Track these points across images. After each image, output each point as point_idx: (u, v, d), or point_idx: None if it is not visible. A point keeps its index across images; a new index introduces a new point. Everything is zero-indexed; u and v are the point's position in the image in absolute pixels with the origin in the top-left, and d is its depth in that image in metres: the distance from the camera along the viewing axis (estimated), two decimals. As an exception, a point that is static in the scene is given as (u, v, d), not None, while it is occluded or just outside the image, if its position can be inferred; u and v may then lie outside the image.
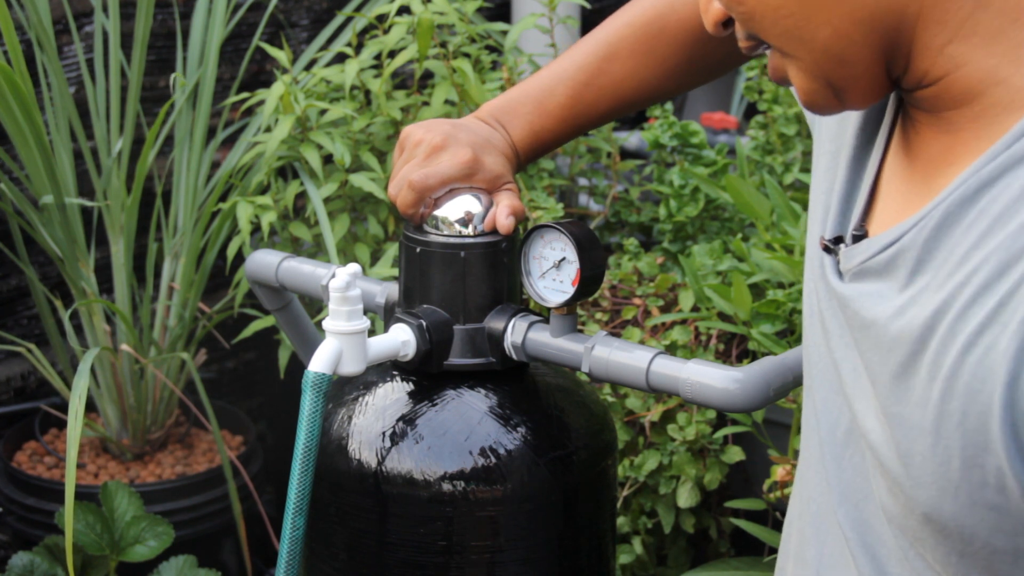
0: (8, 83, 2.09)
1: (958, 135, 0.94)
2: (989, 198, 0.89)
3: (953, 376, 0.88)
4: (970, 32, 0.92)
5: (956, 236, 0.90)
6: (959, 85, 0.93)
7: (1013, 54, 0.91)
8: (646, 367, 1.21)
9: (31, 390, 2.62)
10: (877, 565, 1.01)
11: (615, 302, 2.10)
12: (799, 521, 1.13)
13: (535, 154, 1.39)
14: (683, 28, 1.35)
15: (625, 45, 1.36)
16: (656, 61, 1.36)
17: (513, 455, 1.26)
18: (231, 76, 2.74)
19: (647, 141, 2.34)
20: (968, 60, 0.92)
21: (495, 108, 1.38)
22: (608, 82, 1.37)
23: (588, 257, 1.26)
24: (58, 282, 2.55)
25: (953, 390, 0.88)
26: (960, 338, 0.88)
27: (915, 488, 0.92)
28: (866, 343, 0.97)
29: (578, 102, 1.37)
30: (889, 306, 0.94)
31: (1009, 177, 0.88)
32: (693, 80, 1.41)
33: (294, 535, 1.21)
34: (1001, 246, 0.87)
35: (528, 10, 2.90)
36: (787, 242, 1.88)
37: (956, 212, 0.90)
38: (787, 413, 1.86)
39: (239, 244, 2.20)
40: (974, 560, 0.92)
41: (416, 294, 1.30)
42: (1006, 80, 0.91)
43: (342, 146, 2.16)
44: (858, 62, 0.95)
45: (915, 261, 0.93)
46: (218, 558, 2.41)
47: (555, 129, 1.38)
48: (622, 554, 2.01)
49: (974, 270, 0.88)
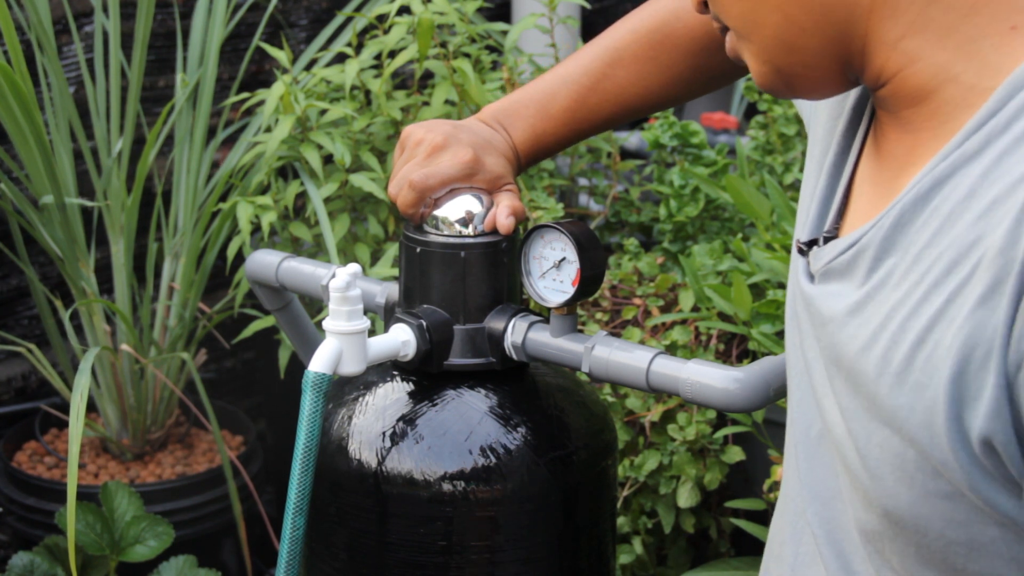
0: (8, 83, 2.09)
1: (918, 135, 0.95)
2: (941, 197, 0.90)
3: (903, 372, 0.89)
4: (922, 27, 0.92)
5: (911, 235, 0.92)
6: (913, 81, 0.94)
7: (964, 49, 0.92)
8: (646, 367, 1.21)
9: (32, 390, 2.62)
10: (843, 563, 1.02)
11: (615, 302, 2.10)
12: (780, 520, 1.14)
13: (536, 157, 1.39)
14: (689, 36, 1.35)
15: (630, 51, 1.37)
16: (660, 68, 1.36)
17: (513, 455, 1.26)
18: (230, 76, 2.74)
19: (647, 141, 2.34)
20: (921, 55, 0.93)
21: (497, 110, 1.38)
22: (612, 87, 1.37)
23: (588, 257, 1.26)
24: (58, 282, 2.55)
25: (903, 385, 0.90)
26: (910, 335, 0.89)
27: (873, 480, 0.94)
28: (824, 339, 0.99)
29: (581, 106, 1.37)
30: (845, 303, 0.96)
31: (959, 176, 0.89)
32: (697, 89, 1.41)
33: (294, 535, 1.21)
34: (951, 244, 0.88)
35: (528, 10, 2.90)
36: (787, 242, 1.88)
37: (911, 211, 0.92)
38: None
39: (239, 244, 2.20)
40: (930, 553, 0.93)
41: (416, 294, 1.30)
42: (957, 76, 0.92)
43: (342, 146, 2.16)
44: (807, 51, 0.96)
45: (872, 260, 0.95)
46: (218, 558, 2.41)
47: (557, 132, 1.38)
48: (622, 554, 2.01)
49: (927, 270, 0.89)
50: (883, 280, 0.93)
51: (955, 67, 0.92)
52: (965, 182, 0.88)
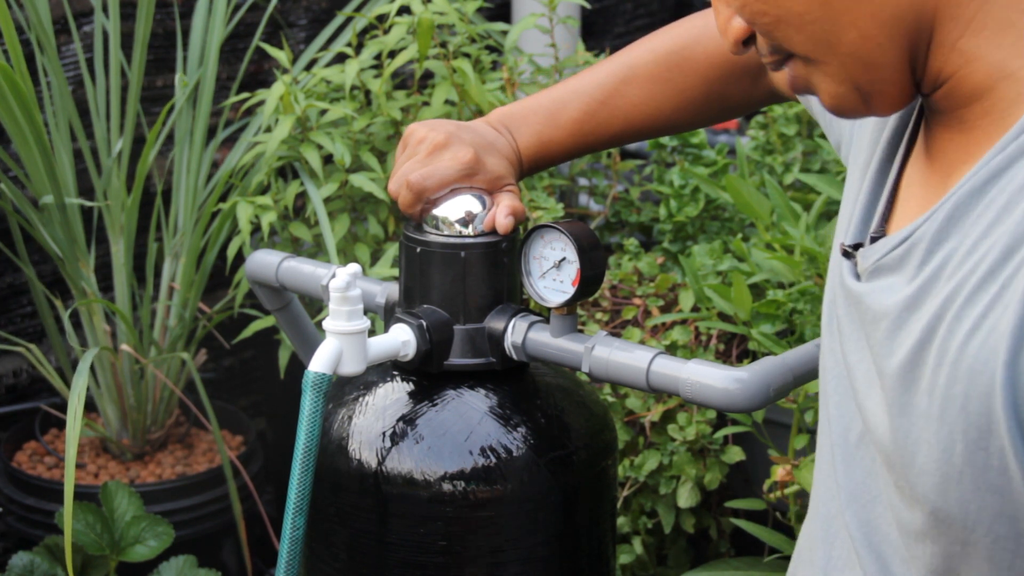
0: (8, 83, 2.09)
1: (971, 133, 0.95)
2: (997, 189, 0.90)
3: (958, 360, 0.89)
4: (980, 26, 0.93)
5: (965, 227, 0.92)
6: (970, 81, 0.94)
7: (1020, 46, 0.92)
8: (646, 367, 1.21)
9: (23, 387, 2.62)
10: (882, 565, 1.01)
11: (615, 302, 2.10)
12: (810, 525, 1.14)
13: (540, 164, 1.38)
14: (707, 62, 1.34)
15: (645, 70, 1.36)
16: (674, 91, 1.36)
17: (513, 455, 1.26)
18: (229, 76, 2.74)
19: (647, 141, 2.34)
20: (978, 55, 0.93)
21: (504, 114, 1.37)
22: (623, 104, 1.36)
23: (588, 257, 1.26)
24: (53, 280, 2.55)
25: (957, 374, 0.89)
26: (965, 324, 0.89)
27: (920, 477, 0.93)
28: (876, 335, 0.98)
29: (590, 119, 1.36)
30: (899, 296, 0.96)
31: (1016, 167, 0.89)
32: (709, 117, 1.40)
33: (294, 535, 1.21)
34: (1006, 232, 0.88)
35: (528, 10, 2.90)
36: (787, 242, 1.88)
37: (966, 203, 0.92)
38: (787, 413, 1.86)
39: (239, 244, 2.20)
40: (976, 551, 0.93)
41: (416, 294, 1.30)
42: (1014, 73, 0.92)
43: (342, 146, 2.16)
44: (885, 65, 0.96)
45: (925, 252, 0.94)
46: (218, 558, 2.41)
47: (563, 142, 1.37)
48: (622, 554, 2.01)
49: (981, 258, 0.89)
50: (936, 272, 0.93)
51: (1010, 64, 0.93)
52: (1022, 174, 0.89)
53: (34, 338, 2.58)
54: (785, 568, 1.83)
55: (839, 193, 1.94)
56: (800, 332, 1.83)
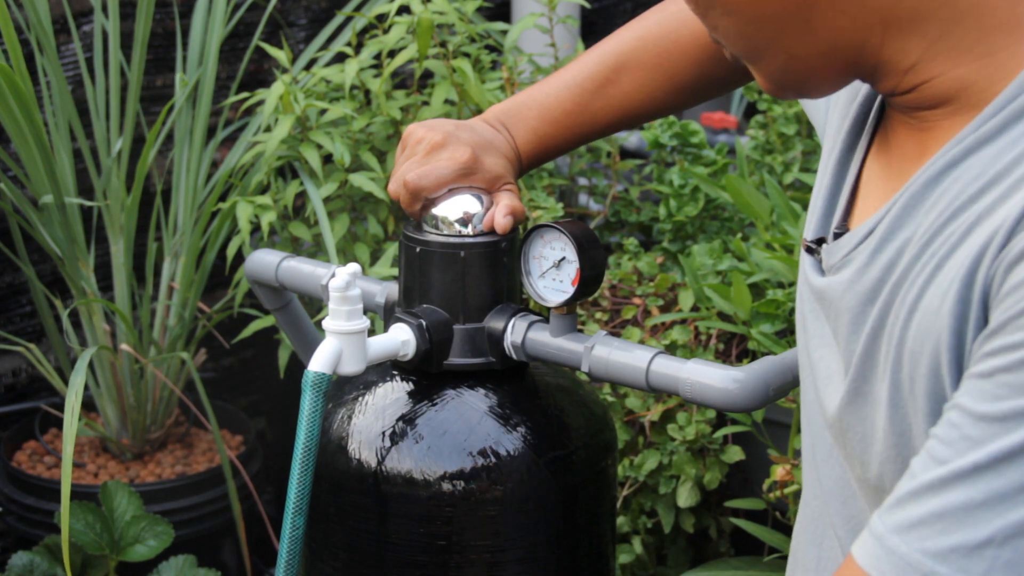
0: (8, 83, 2.09)
1: (931, 132, 0.95)
2: (952, 178, 0.90)
3: (901, 343, 0.90)
4: (937, 53, 0.92)
5: (919, 216, 0.92)
6: (930, 92, 0.94)
7: (981, 62, 0.92)
8: (646, 367, 1.21)
9: (23, 387, 2.62)
10: None
11: (615, 302, 2.10)
12: (799, 526, 1.14)
13: (539, 159, 1.39)
14: (695, 45, 1.34)
15: (635, 57, 1.36)
16: (666, 76, 1.36)
17: (513, 455, 1.26)
18: (229, 76, 2.74)
19: (647, 141, 2.34)
20: (938, 73, 0.93)
21: (500, 111, 1.37)
22: (616, 93, 1.36)
23: (588, 257, 1.26)
24: (53, 280, 2.55)
25: (901, 358, 0.90)
26: (907, 307, 0.90)
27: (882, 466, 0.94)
28: (841, 330, 0.98)
29: (584, 110, 1.36)
30: (859, 289, 0.96)
31: (973, 158, 0.89)
32: (701, 96, 1.40)
33: (294, 535, 1.21)
34: (962, 224, 0.88)
35: (528, 10, 2.90)
36: (787, 242, 1.88)
37: (920, 193, 0.92)
38: (787, 413, 1.86)
39: (239, 244, 2.20)
40: None
41: (416, 294, 1.30)
42: (975, 84, 0.92)
43: (342, 146, 2.16)
44: (816, 79, 0.97)
45: (879, 242, 0.95)
46: (218, 558, 2.41)
47: (560, 135, 1.37)
48: (622, 554, 2.01)
49: (937, 248, 0.89)
50: (892, 261, 0.93)
51: (972, 76, 0.92)
52: (978, 163, 0.88)
53: (34, 338, 2.58)
54: (784, 568, 1.83)
55: (839, 193, 1.94)
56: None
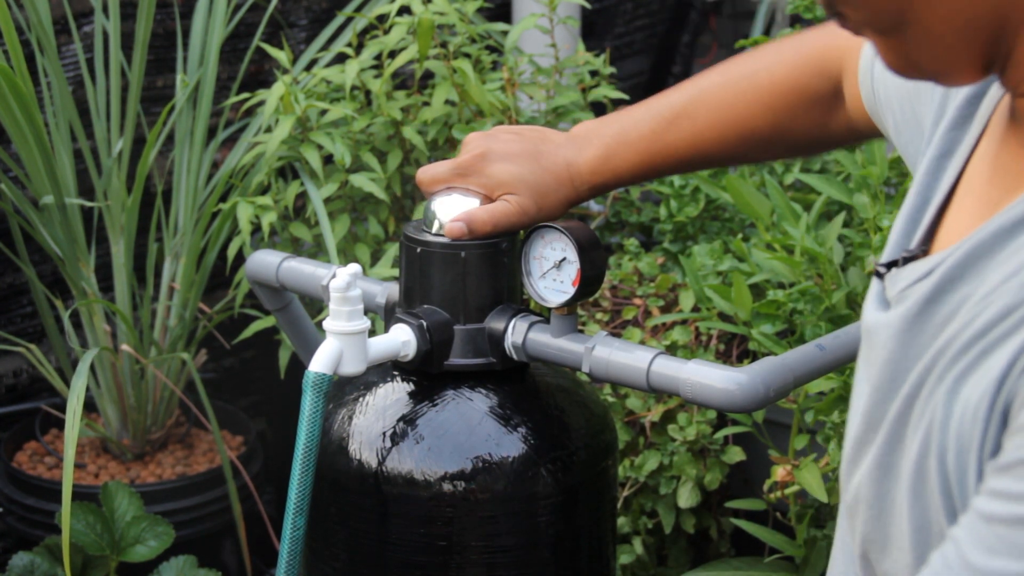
0: (8, 83, 2.09)
1: None
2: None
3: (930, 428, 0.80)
4: None
5: (985, 272, 0.80)
6: None
7: None
8: (646, 367, 1.21)
9: (23, 387, 2.62)
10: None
11: (615, 302, 2.10)
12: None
13: (605, 181, 1.31)
14: (771, 90, 1.26)
15: (711, 93, 1.29)
16: (737, 118, 1.28)
17: (513, 455, 1.26)
18: (229, 76, 2.74)
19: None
20: None
21: (588, 126, 1.33)
22: (688, 126, 1.29)
23: (588, 257, 1.26)
24: (53, 280, 2.55)
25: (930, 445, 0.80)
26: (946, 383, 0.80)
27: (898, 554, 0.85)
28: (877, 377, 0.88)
29: (659, 139, 1.30)
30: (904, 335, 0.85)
31: None
32: (776, 150, 1.32)
33: (294, 535, 1.21)
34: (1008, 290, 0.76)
35: (528, 10, 2.90)
36: (787, 242, 1.88)
37: (990, 243, 0.80)
38: (787, 413, 1.86)
39: (239, 244, 2.20)
40: None
41: (416, 294, 1.30)
42: None
43: (342, 146, 2.16)
44: (952, 60, 0.85)
45: (933, 289, 0.84)
46: (218, 558, 2.41)
47: (629, 159, 1.30)
48: (622, 554, 2.01)
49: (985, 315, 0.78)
50: (945, 319, 0.82)
51: None
52: None
53: (34, 338, 2.58)
54: (784, 568, 1.83)
55: (839, 193, 1.94)
56: (800, 332, 1.83)
